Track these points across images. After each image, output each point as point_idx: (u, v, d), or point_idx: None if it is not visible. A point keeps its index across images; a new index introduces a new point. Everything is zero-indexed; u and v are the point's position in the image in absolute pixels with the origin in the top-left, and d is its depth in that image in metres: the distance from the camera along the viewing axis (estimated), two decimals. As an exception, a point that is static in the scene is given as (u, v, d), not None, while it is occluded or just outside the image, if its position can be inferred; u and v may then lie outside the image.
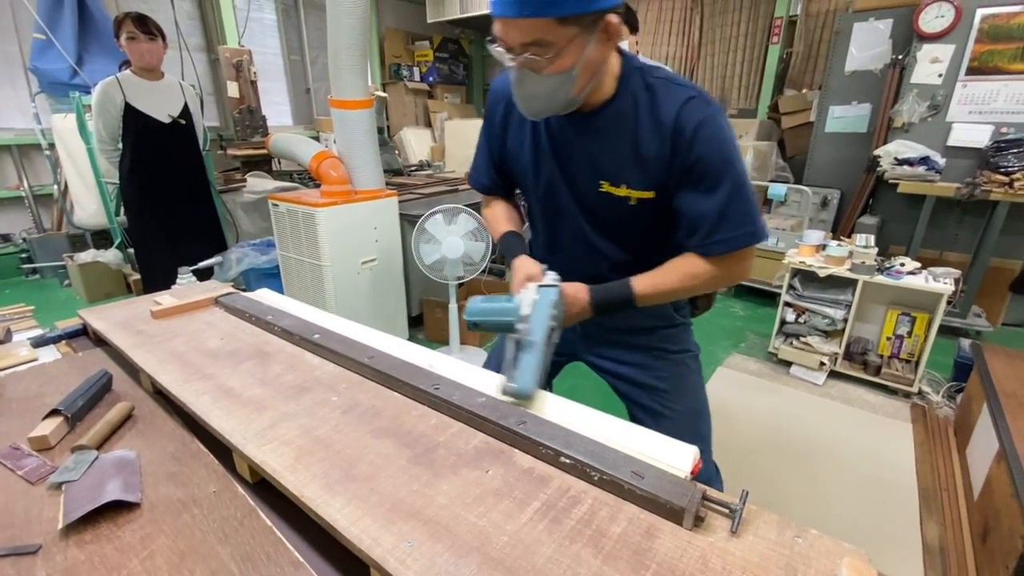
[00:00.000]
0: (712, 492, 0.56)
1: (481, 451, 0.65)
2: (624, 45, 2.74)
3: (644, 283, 0.91)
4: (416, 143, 5.53)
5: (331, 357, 0.89)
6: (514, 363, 0.76)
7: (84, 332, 1.15)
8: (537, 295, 0.85)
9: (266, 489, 0.65)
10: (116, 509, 0.62)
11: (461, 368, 0.83)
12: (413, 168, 4.39)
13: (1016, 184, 2.63)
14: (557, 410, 0.71)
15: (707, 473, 1.07)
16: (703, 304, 1.15)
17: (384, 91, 5.44)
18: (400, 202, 2.57)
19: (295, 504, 0.59)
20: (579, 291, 0.92)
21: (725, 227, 0.84)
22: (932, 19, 2.89)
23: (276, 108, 5.01)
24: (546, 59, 0.73)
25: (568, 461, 0.61)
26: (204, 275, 1.76)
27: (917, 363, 2.34)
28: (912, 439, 2.04)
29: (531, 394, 0.73)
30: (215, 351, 0.93)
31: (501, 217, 1.11)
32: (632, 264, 0.95)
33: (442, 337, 2.71)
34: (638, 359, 1.05)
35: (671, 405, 1.05)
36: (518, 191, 1.13)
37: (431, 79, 5.88)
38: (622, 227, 0.94)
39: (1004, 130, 2.82)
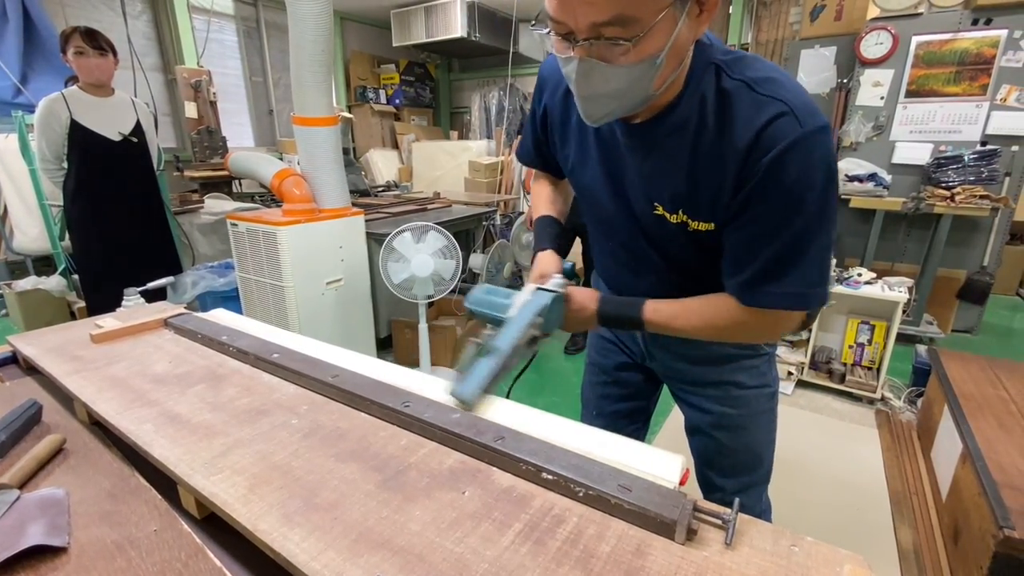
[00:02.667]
0: (703, 503, 0.53)
1: (456, 471, 0.61)
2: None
3: (659, 313, 0.79)
4: (383, 164, 5.48)
5: (291, 377, 0.83)
6: (470, 366, 0.73)
7: (14, 360, 1.04)
8: (530, 298, 0.79)
9: (216, 525, 0.59)
10: (39, 555, 0.54)
11: (433, 384, 0.79)
12: (380, 189, 4.33)
13: (957, 198, 2.79)
14: (537, 424, 0.67)
15: (757, 509, 1.00)
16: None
17: (350, 113, 5.40)
18: (367, 221, 2.52)
19: (249, 540, 0.53)
20: (588, 300, 0.83)
21: (774, 280, 0.67)
22: (872, 46, 3.08)
23: (237, 129, 4.89)
24: (629, 43, 0.55)
25: (550, 477, 0.57)
26: (155, 298, 1.66)
27: (878, 370, 2.41)
28: (879, 444, 2.09)
29: (471, 401, 0.69)
30: (162, 376, 0.85)
31: (542, 198, 1.01)
32: (686, 285, 0.83)
33: (412, 359, 2.63)
34: (712, 392, 0.94)
35: (730, 444, 0.95)
36: None
37: (397, 102, 5.88)
38: (678, 250, 0.80)
39: (943, 148, 3.01)
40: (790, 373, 2.54)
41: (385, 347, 2.90)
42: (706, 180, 0.68)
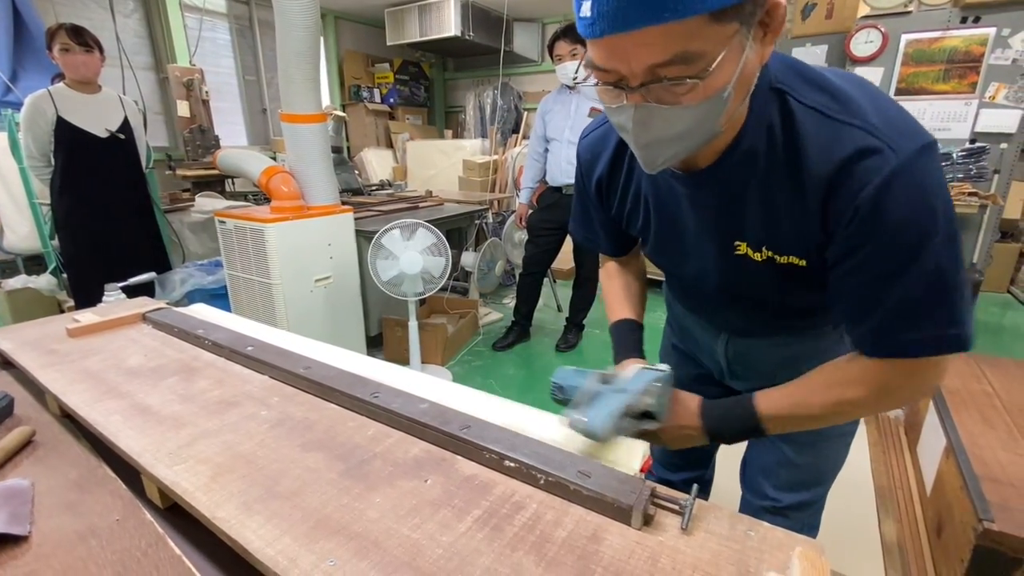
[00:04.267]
0: (662, 489, 0.53)
1: (421, 460, 0.61)
2: (575, 65, 2.73)
3: (776, 402, 0.66)
4: (377, 163, 5.48)
5: (264, 370, 0.83)
6: (592, 398, 0.62)
7: (-9, 355, 1.04)
8: (635, 375, 0.68)
9: (179, 515, 0.59)
10: (0, 544, 0.54)
11: (405, 376, 0.79)
12: (374, 188, 4.32)
13: (946, 195, 2.80)
14: (504, 413, 0.67)
15: (809, 528, 0.95)
16: None
17: (344, 112, 5.40)
18: (357, 219, 2.51)
19: (211, 529, 0.53)
20: (691, 402, 0.71)
21: (913, 325, 0.56)
22: (862, 44, 3.09)
23: (231, 128, 4.88)
24: (693, 80, 0.48)
25: (513, 465, 0.57)
26: (138, 294, 1.65)
27: (867, 366, 2.42)
28: (867, 440, 2.09)
29: (603, 436, 0.58)
30: (136, 369, 0.85)
31: (616, 294, 0.91)
32: (774, 313, 0.73)
33: (403, 357, 2.63)
34: None
35: (795, 459, 0.88)
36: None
37: (392, 101, 5.88)
38: (764, 286, 0.69)
39: (932, 145, 3.02)
40: (780, 370, 2.54)
41: (376, 345, 2.90)
42: (786, 214, 0.60)
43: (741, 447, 0.97)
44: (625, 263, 0.95)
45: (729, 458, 1.07)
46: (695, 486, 0.52)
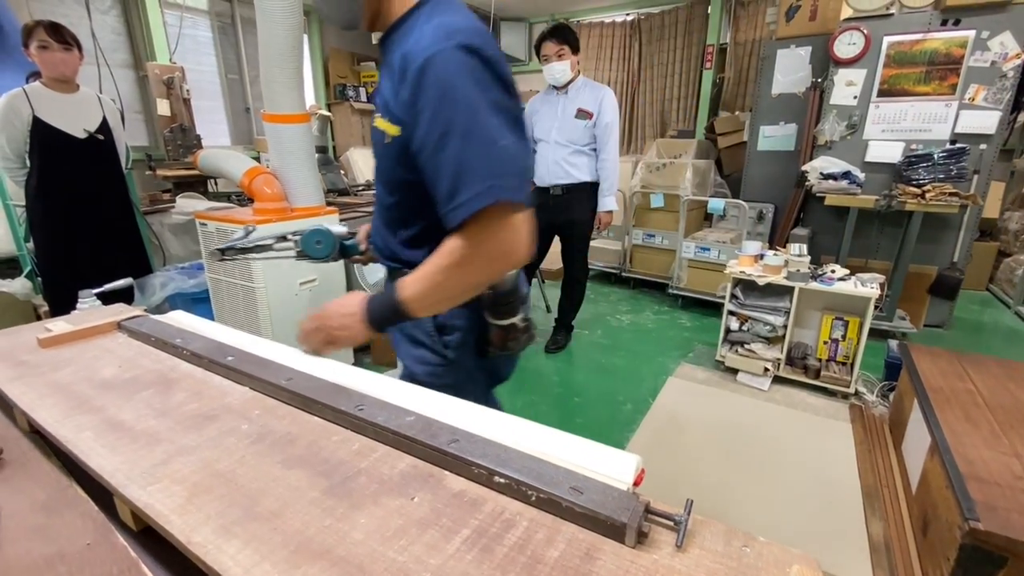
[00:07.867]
0: (656, 504, 0.51)
1: (407, 476, 0.59)
2: (566, 65, 2.72)
3: (410, 286, 0.78)
4: (364, 163, 5.42)
5: (245, 381, 0.80)
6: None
7: (-43, 367, 1.00)
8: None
9: (154, 538, 0.56)
10: (-41, 576, 0.51)
11: (391, 386, 0.77)
12: (360, 188, 4.27)
13: (928, 195, 2.84)
14: (493, 425, 0.65)
15: None
16: (497, 341, 0.92)
17: (329, 111, 5.33)
18: (342, 220, 2.48)
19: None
20: (352, 302, 0.86)
21: (464, 185, 0.68)
22: (845, 46, 3.13)
23: (213, 127, 4.79)
24: None
25: (503, 480, 0.55)
26: (114, 301, 1.60)
27: (852, 365, 2.45)
28: (852, 438, 2.11)
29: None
30: (109, 381, 0.82)
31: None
32: (395, 232, 0.89)
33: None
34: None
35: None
36: None
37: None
38: (389, 175, 0.84)
39: (914, 147, 3.06)
40: (766, 369, 2.56)
41: (363, 349, 2.86)
42: (392, 82, 0.75)
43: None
44: None
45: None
46: (690, 500, 0.50)
